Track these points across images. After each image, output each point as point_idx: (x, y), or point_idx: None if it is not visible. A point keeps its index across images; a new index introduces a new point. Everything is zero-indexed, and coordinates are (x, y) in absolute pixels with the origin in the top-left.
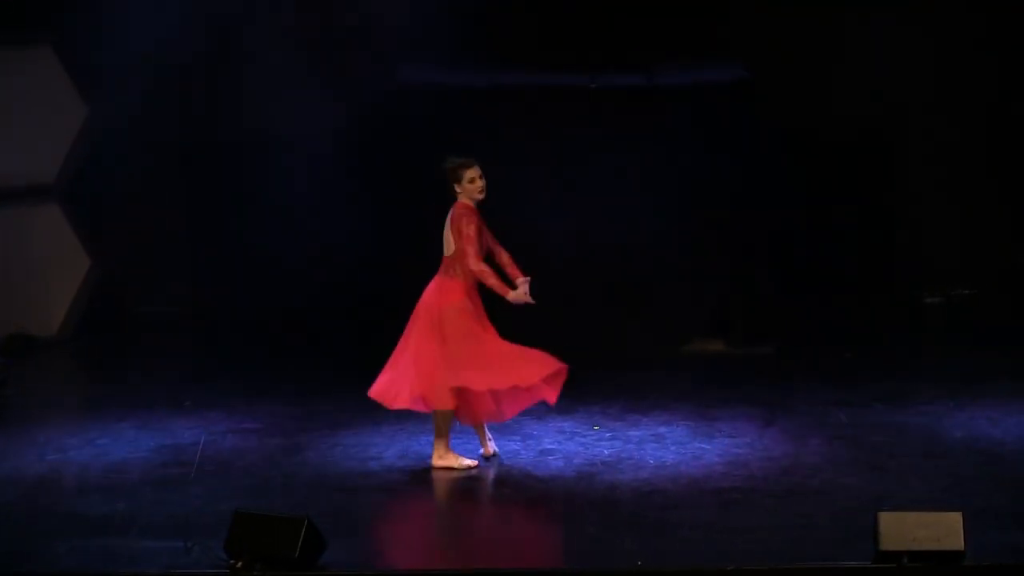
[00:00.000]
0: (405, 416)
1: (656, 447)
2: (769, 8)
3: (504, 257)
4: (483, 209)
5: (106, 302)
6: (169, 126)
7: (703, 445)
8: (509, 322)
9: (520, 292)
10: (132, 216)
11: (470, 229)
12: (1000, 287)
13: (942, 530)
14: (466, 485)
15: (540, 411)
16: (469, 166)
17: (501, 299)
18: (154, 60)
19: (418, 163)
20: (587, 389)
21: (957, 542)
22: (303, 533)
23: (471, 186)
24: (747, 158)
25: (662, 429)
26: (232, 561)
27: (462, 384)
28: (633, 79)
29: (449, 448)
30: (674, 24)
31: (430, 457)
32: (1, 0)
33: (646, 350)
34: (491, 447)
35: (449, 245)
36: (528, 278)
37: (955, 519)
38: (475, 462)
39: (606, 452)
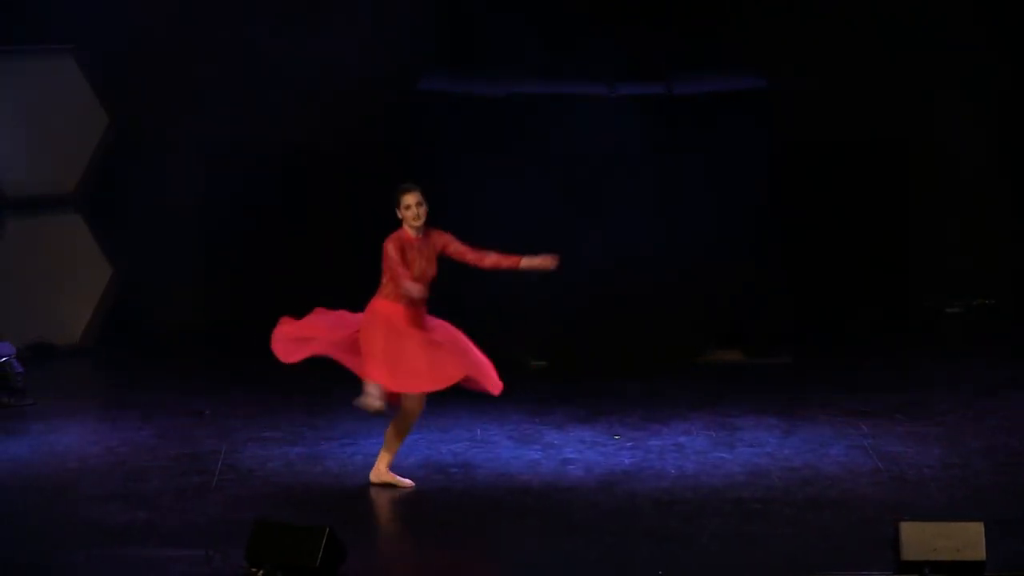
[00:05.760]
0: (425, 425)
1: (676, 456)
2: (786, 18)
3: (488, 260)
4: (501, 221)
5: (127, 311)
6: (190, 135)
7: (723, 455)
8: (528, 330)
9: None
10: (153, 225)
11: (391, 249)
12: (1020, 297)
13: (963, 540)
14: (487, 494)
15: (560, 420)
16: (406, 192)
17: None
18: (175, 68)
19: (438, 173)
20: (607, 399)
21: (978, 552)
22: (324, 542)
23: (407, 213)
24: (764, 167)
25: (682, 439)
26: (253, 570)
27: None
28: (651, 88)
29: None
30: (692, 33)
31: (448, 465)
32: (22, 11)
33: (664, 360)
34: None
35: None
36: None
37: (976, 529)
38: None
39: (626, 462)
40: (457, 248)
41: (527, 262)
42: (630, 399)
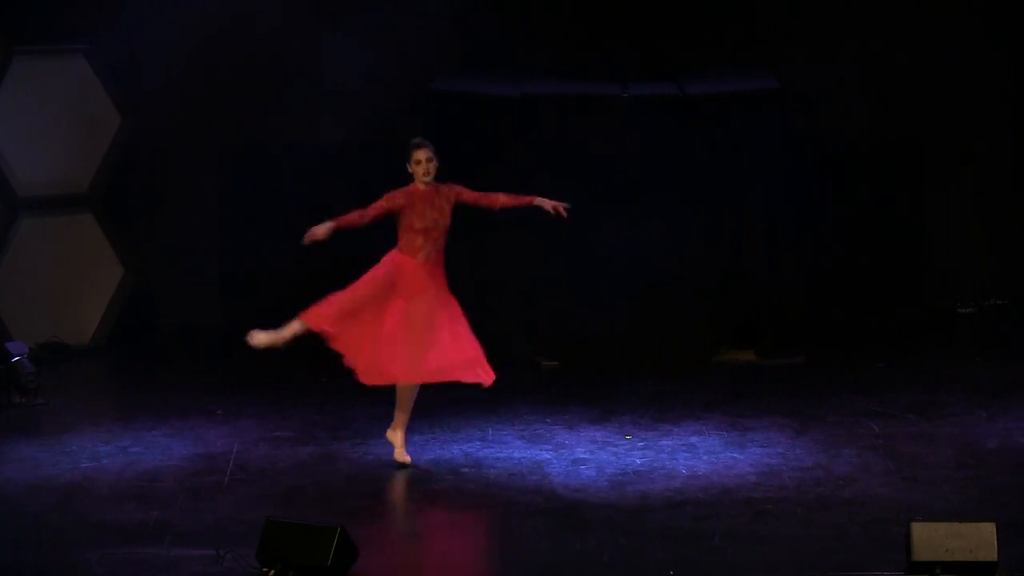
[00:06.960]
0: (436, 424)
1: (688, 456)
2: (799, 18)
3: (499, 201)
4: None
5: (139, 311)
6: (203, 134)
7: (735, 455)
8: (539, 331)
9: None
10: (166, 225)
11: (384, 198)
12: None
13: (975, 541)
14: (499, 494)
15: (572, 420)
16: (418, 147)
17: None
18: (188, 67)
19: (451, 172)
20: (618, 399)
21: (991, 553)
22: (336, 542)
23: (417, 168)
24: (777, 167)
25: (694, 439)
26: (264, 570)
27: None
28: (664, 88)
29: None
30: (704, 33)
31: (460, 465)
32: (33, 10)
33: (676, 360)
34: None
35: None
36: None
37: (988, 530)
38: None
39: (638, 462)
40: (471, 195)
41: (540, 201)
42: (642, 399)
